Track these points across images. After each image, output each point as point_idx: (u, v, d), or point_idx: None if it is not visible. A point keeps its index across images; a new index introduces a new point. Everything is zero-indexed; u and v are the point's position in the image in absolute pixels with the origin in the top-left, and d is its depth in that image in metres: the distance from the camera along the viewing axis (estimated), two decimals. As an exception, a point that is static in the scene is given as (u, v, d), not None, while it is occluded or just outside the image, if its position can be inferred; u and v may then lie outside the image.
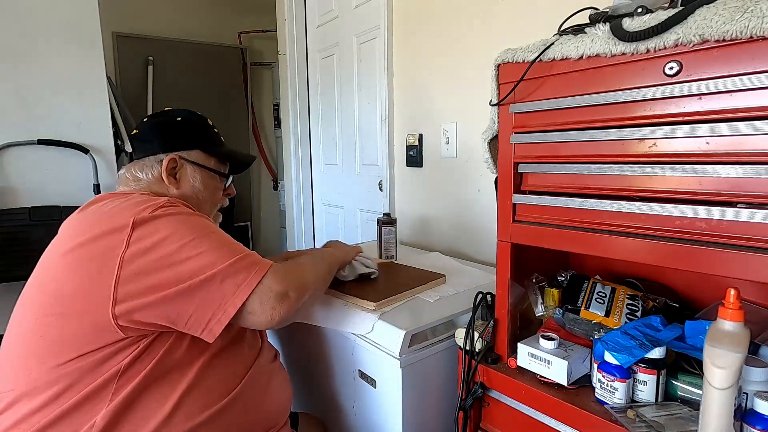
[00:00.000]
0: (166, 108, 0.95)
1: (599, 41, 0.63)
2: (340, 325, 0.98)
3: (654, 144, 0.61)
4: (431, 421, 0.94)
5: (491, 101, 0.79)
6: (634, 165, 0.63)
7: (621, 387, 0.66)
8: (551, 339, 0.75)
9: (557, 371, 0.72)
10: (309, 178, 2.48)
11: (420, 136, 1.67)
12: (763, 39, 0.50)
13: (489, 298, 0.85)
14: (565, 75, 0.69)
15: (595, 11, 0.67)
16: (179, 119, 0.90)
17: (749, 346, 0.52)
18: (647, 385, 0.66)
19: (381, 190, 1.89)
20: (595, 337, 0.73)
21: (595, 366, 0.70)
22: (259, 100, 3.74)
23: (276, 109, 3.61)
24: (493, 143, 0.81)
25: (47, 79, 1.83)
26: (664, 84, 0.59)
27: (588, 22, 0.67)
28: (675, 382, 0.68)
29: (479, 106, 1.41)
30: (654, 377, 0.66)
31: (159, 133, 0.88)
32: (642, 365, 0.66)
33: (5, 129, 1.78)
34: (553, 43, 0.68)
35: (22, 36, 1.78)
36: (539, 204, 0.74)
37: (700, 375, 0.62)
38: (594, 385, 0.71)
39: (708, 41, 0.54)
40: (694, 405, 0.64)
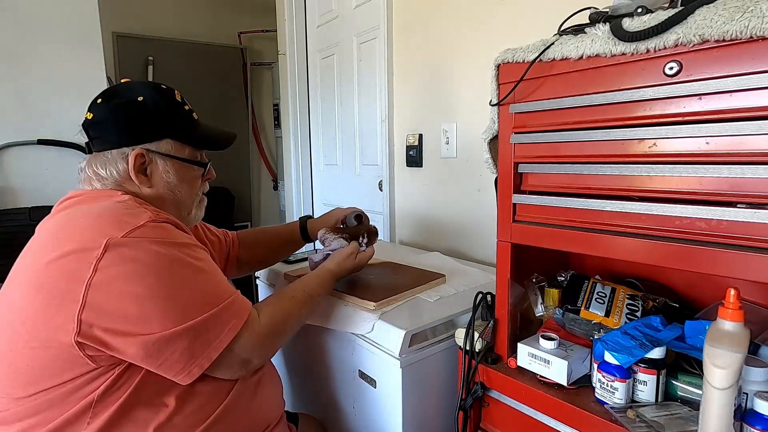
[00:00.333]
0: (122, 80, 0.81)
1: (599, 41, 0.63)
2: (340, 325, 0.97)
3: (654, 144, 0.61)
4: (431, 421, 0.94)
5: (491, 101, 0.79)
6: (634, 165, 0.63)
7: (621, 387, 0.66)
8: (551, 339, 0.75)
9: (557, 371, 0.72)
10: (309, 178, 2.48)
11: (420, 136, 1.67)
12: (763, 39, 0.50)
13: (489, 298, 0.85)
14: (565, 75, 0.68)
15: (595, 11, 0.67)
16: (141, 99, 0.75)
17: (749, 346, 0.52)
18: (647, 385, 0.66)
19: (381, 190, 1.89)
20: (595, 337, 0.73)
21: (595, 366, 0.70)
22: (259, 100, 3.74)
23: (276, 109, 3.61)
24: (493, 143, 0.81)
25: (47, 79, 1.83)
26: (664, 84, 0.59)
27: (588, 22, 0.67)
28: (675, 382, 0.68)
29: (479, 106, 1.41)
30: (654, 377, 0.66)
31: (119, 121, 0.74)
32: (642, 365, 0.66)
33: (5, 129, 1.77)
34: (553, 43, 0.68)
35: (22, 36, 1.78)
36: (539, 204, 0.74)
37: (700, 375, 0.62)
38: (594, 385, 0.71)
39: (708, 41, 0.54)
40: (694, 405, 0.64)
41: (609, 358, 0.67)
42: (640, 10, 0.60)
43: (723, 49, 0.53)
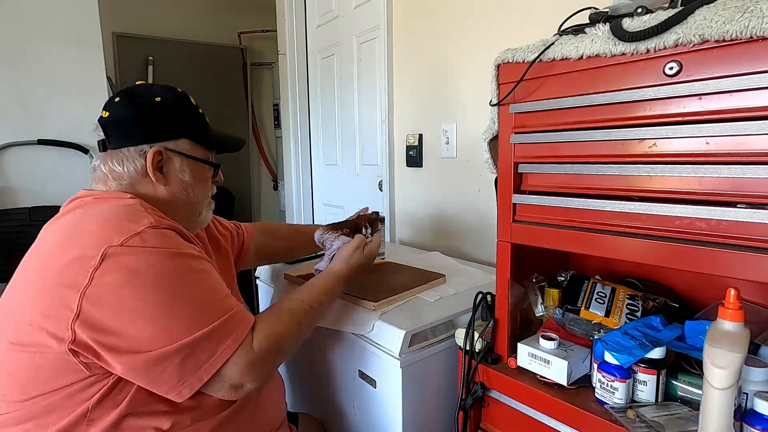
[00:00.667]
0: (138, 83, 0.82)
1: (599, 41, 0.63)
2: (340, 325, 0.98)
3: (654, 144, 0.61)
4: (431, 421, 0.94)
5: (491, 101, 0.79)
6: (634, 165, 0.63)
7: (621, 387, 0.66)
8: (551, 339, 0.75)
9: (557, 371, 0.72)
10: (309, 178, 2.48)
11: (420, 136, 1.67)
12: (763, 39, 0.50)
13: (489, 298, 0.85)
14: (565, 75, 0.68)
15: (595, 11, 0.67)
16: (159, 100, 0.77)
17: (749, 346, 0.52)
18: (647, 385, 0.66)
19: (381, 190, 1.89)
20: (595, 337, 0.73)
21: (595, 366, 0.70)
22: (259, 100, 3.74)
23: (276, 109, 3.61)
24: (493, 143, 0.81)
25: (47, 80, 1.84)
26: (664, 84, 0.59)
27: (588, 22, 0.67)
28: (675, 382, 0.68)
29: (479, 106, 1.41)
30: (654, 377, 0.66)
31: (139, 119, 0.75)
32: (642, 365, 0.66)
33: (5, 129, 1.78)
34: (553, 43, 0.68)
35: (22, 36, 1.78)
36: (539, 204, 0.74)
37: (700, 375, 0.62)
38: (594, 385, 0.71)
39: (708, 41, 0.54)
40: (694, 405, 0.64)
41: (609, 358, 0.67)
42: (640, 10, 0.60)
43: (723, 49, 0.53)
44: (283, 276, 1.19)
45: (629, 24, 0.60)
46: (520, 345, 0.77)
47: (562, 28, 0.70)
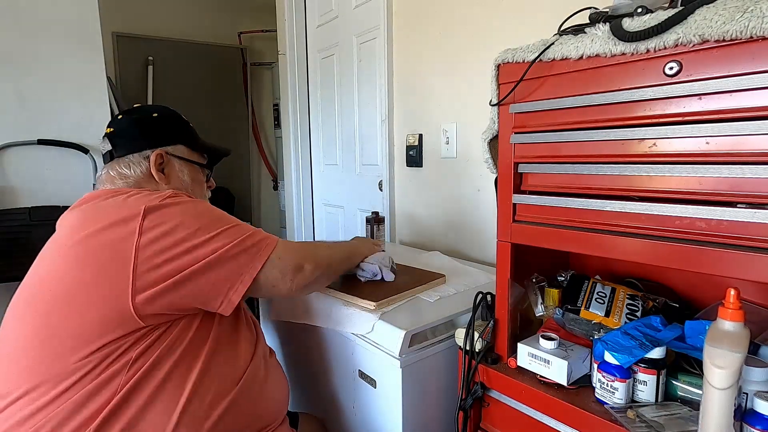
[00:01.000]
0: (134, 105, 0.95)
1: (599, 41, 0.63)
2: (340, 325, 0.98)
3: (654, 144, 0.61)
4: (431, 421, 0.94)
5: (491, 101, 0.79)
6: (634, 165, 0.63)
7: (621, 387, 0.66)
8: (551, 339, 0.75)
9: (557, 371, 0.72)
10: (309, 178, 2.48)
11: (420, 136, 1.67)
12: (763, 39, 0.50)
13: (489, 298, 0.85)
14: (565, 75, 0.69)
15: (595, 11, 0.67)
16: (156, 115, 0.90)
17: (749, 346, 0.52)
18: (647, 385, 0.66)
19: (381, 190, 1.89)
20: (595, 337, 0.73)
21: (595, 366, 0.70)
22: (259, 100, 3.74)
23: (276, 109, 3.61)
24: (493, 143, 0.81)
25: (47, 79, 1.84)
26: (664, 84, 0.59)
27: (588, 22, 0.67)
28: (675, 382, 0.68)
29: (479, 106, 1.41)
30: (654, 377, 0.66)
31: (141, 130, 0.88)
32: (642, 365, 0.66)
33: (5, 129, 1.78)
34: (553, 43, 0.68)
35: (22, 36, 1.78)
36: (539, 204, 0.74)
37: (700, 375, 0.62)
38: (594, 385, 0.71)
39: (708, 41, 0.54)
40: (694, 405, 0.64)
41: (609, 358, 0.67)
42: (640, 10, 0.60)
43: (723, 49, 0.54)
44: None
45: (629, 24, 0.60)
46: (520, 345, 0.77)
47: (562, 28, 0.70)
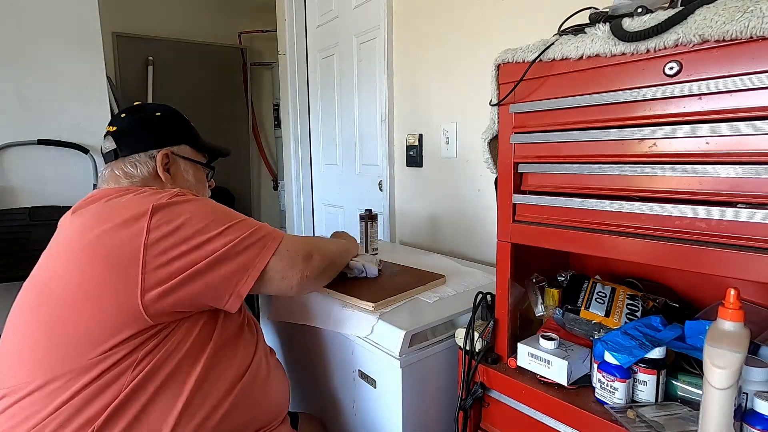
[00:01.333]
0: (135, 103, 0.94)
1: (599, 41, 0.63)
2: (339, 327, 0.97)
3: (654, 144, 0.61)
4: (431, 421, 0.94)
5: (491, 101, 0.79)
6: (634, 165, 0.63)
7: (621, 387, 0.66)
8: (551, 339, 0.75)
9: (557, 371, 0.72)
10: (309, 178, 2.48)
11: (420, 136, 1.67)
12: (763, 39, 0.50)
13: (489, 298, 0.85)
14: (565, 75, 0.69)
15: (595, 11, 0.67)
16: (159, 114, 0.90)
17: (749, 346, 0.52)
18: (647, 385, 0.66)
19: (381, 190, 1.89)
20: (595, 337, 0.73)
21: (595, 366, 0.70)
22: (259, 100, 3.74)
23: (276, 109, 3.61)
24: (493, 143, 0.81)
25: (47, 79, 1.84)
26: (664, 84, 0.59)
27: (588, 22, 0.67)
28: (675, 382, 0.68)
29: (479, 106, 1.41)
30: (654, 377, 0.66)
31: (146, 129, 0.87)
32: (642, 365, 0.66)
33: (5, 129, 1.78)
34: (553, 43, 0.68)
35: (22, 36, 1.78)
36: (539, 204, 0.74)
37: (700, 375, 0.62)
38: (594, 385, 0.71)
39: (708, 41, 0.54)
40: (694, 405, 0.64)
41: (609, 358, 0.67)
42: (640, 10, 0.60)
43: (723, 49, 0.53)
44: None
45: (629, 24, 0.60)
46: (520, 345, 0.77)
47: (562, 28, 0.70)
